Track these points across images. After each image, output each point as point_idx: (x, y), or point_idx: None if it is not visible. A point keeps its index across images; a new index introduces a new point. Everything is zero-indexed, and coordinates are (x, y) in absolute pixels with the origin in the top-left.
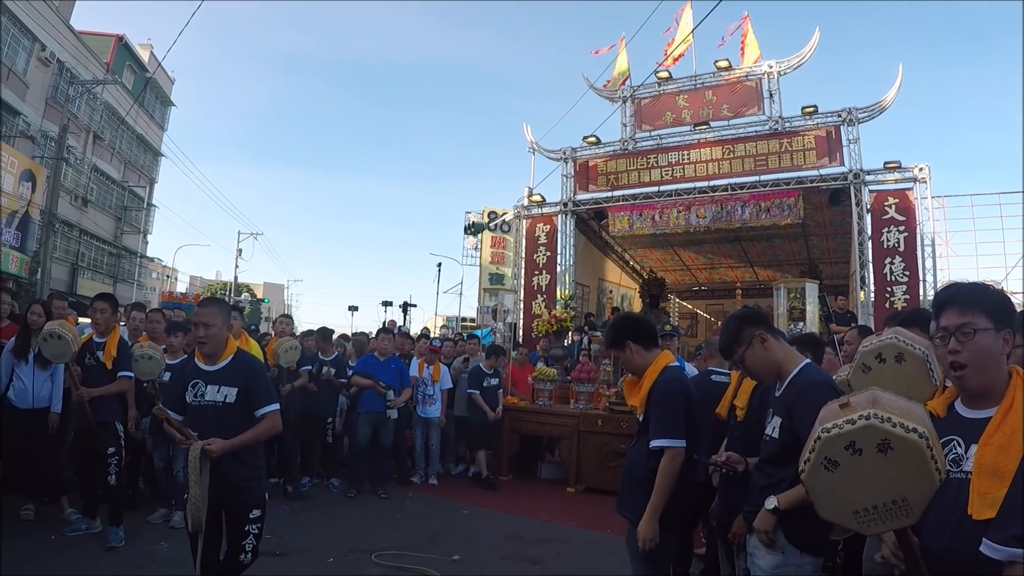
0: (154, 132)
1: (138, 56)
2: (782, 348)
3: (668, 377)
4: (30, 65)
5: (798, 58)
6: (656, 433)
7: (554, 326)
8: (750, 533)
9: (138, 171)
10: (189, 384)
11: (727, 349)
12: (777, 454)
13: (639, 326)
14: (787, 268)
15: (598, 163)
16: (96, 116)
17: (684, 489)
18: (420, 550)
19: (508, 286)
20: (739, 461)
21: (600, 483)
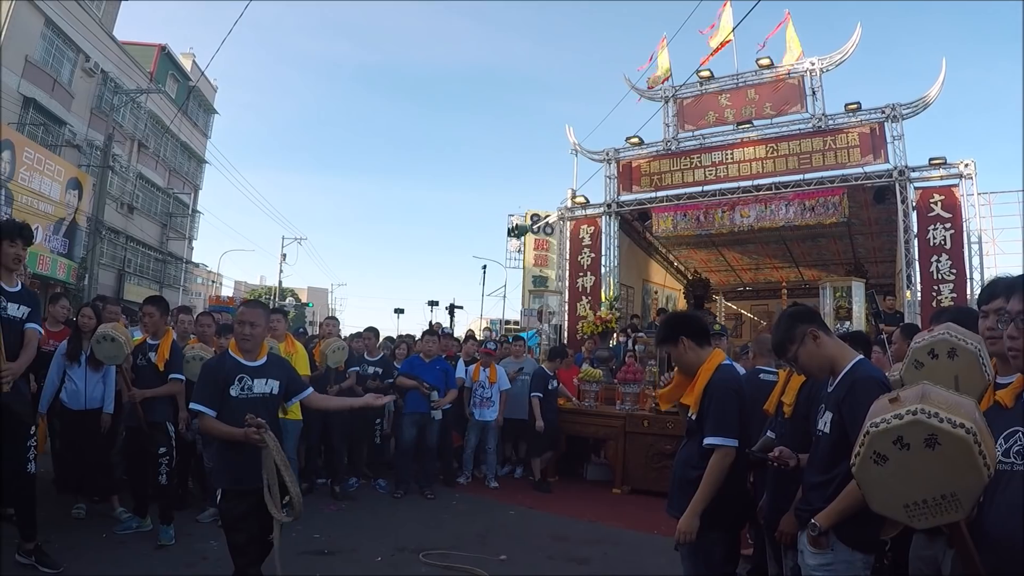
0: (198, 139)
1: (180, 65)
2: (834, 344)
3: (723, 375)
4: (75, 76)
5: (840, 55)
6: (710, 431)
7: (599, 327)
8: (801, 531)
9: (183, 178)
10: (235, 379)
11: (780, 347)
12: (829, 450)
13: (692, 322)
14: (832, 268)
15: (641, 164)
16: (140, 124)
17: (733, 488)
18: (467, 550)
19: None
20: (791, 457)
21: (646, 484)
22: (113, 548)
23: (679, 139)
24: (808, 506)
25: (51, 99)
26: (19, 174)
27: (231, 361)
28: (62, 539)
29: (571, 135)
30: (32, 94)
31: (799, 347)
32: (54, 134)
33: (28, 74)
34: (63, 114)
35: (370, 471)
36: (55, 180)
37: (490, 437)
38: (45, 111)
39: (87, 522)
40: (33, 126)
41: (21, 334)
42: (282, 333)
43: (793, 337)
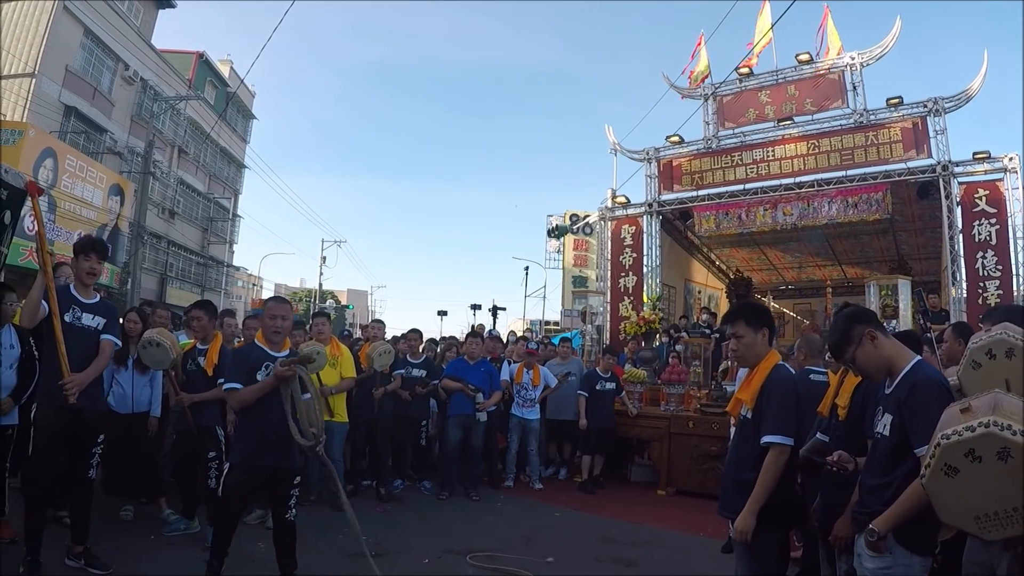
0: (237, 145)
1: (219, 72)
2: (892, 345)
3: (782, 374)
4: (115, 84)
5: (880, 48)
6: (768, 429)
7: (642, 328)
8: (858, 534)
9: (223, 183)
10: (262, 366)
11: (837, 348)
12: (887, 453)
13: (770, 316)
14: (876, 265)
15: (682, 162)
16: (180, 131)
17: (787, 489)
18: (514, 552)
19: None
20: (849, 460)
21: (691, 485)
22: (161, 549)
23: (719, 137)
24: (866, 509)
25: (92, 107)
26: (62, 181)
27: (258, 350)
28: (110, 541)
29: (611, 134)
30: (73, 103)
31: (857, 348)
32: (95, 142)
33: (69, 83)
34: (104, 122)
35: (415, 473)
36: (97, 187)
37: (532, 438)
38: (86, 119)
39: (135, 524)
40: (75, 134)
41: (98, 344)
42: (327, 336)
43: (851, 338)
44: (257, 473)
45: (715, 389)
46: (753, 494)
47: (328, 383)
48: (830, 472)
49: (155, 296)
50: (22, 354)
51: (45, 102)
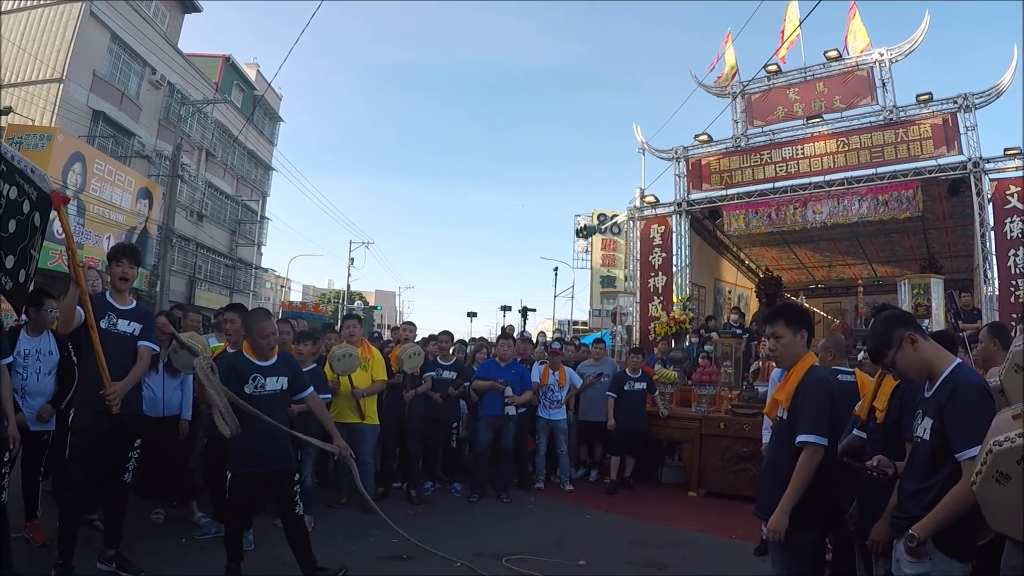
0: (264, 147)
1: (245, 75)
2: (932, 348)
3: (817, 374)
4: (142, 88)
5: (909, 44)
6: (802, 428)
7: (672, 328)
8: (896, 539)
9: (250, 185)
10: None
11: (876, 352)
12: (928, 457)
13: (810, 319)
14: (906, 264)
15: (711, 161)
16: (208, 134)
17: (823, 490)
18: (545, 554)
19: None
20: (888, 465)
21: (722, 487)
22: (192, 553)
23: (748, 135)
24: (905, 514)
25: (119, 112)
26: (90, 185)
27: (245, 361)
28: (141, 544)
29: (639, 134)
30: (101, 107)
31: (897, 352)
32: (123, 145)
33: (96, 88)
34: (132, 126)
35: (445, 475)
36: (126, 190)
37: (562, 439)
38: (114, 123)
39: (166, 527)
40: (103, 138)
41: (135, 350)
42: (358, 339)
43: (890, 342)
44: (255, 478)
45: (746, 390)
46: (786, 493)
47: (359, 385)
48: (867, 475)
49: (183, 298)
50: (61, 360)
51: (73, 107)
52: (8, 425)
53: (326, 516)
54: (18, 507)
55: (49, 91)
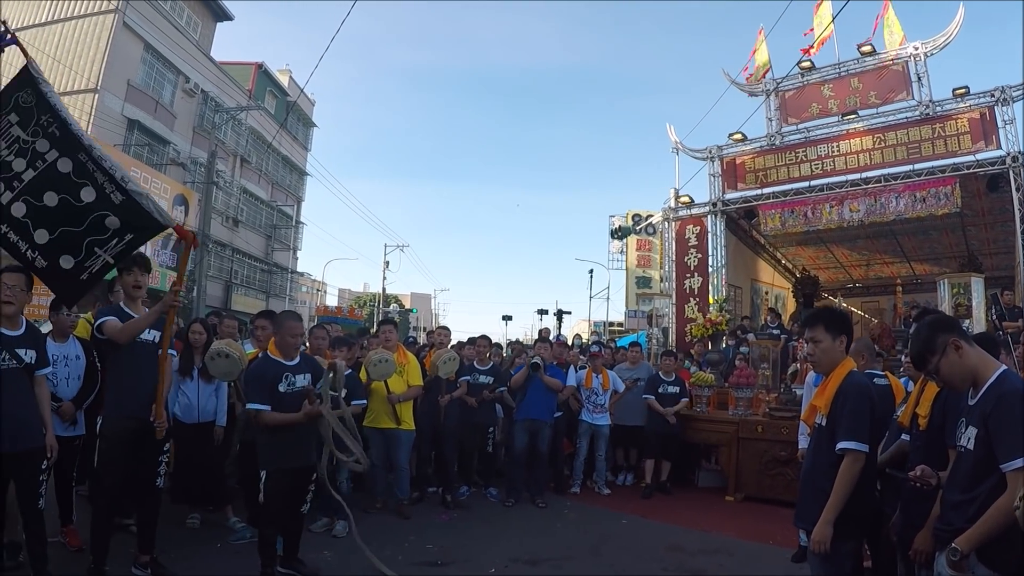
0: (298, 153)
1: (278, 81)
2: (976, 354)
3: (857, 380)
4: (176, 97)
5: (944, 37)
6: (842, 435)
7: (709, 330)
8: (939, 551)
9: (285, 190)
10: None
11: (920, 358)
12: (971, 468)
13: (850, 324)
14: (945, 262)
15: (745, 160)
16: (242, 141)
17: (863, 497)
18: (580, 560)
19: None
20: (932, 476)
21: (760, 492)
22: (227, 558)
23: (783, 133)
24: (948, 526)
25: (154, 120)
26: None
27: (273, 364)
28: (177, 549)
29: (672, 133)
30: (136, 116)
31: (940, 358)
32: (159, 153)
33: (131, 97)
34: (166, 134)
35: (481, 479)
36: (162, 197)
37: (601, 444)
38: (149, 132)
39: (201, 532)
40: (138, 147)
41: (156, 357)
42: (394, 343)
43: (934, 348)
44: (288, 474)
45: (784, 392)
46: (829, 503)
47: (395, 390)
48: (910, 485)
49: (220, 303)
50: (87, 364)
51: (108, 116)
52: (47, 433)
53: (361, 521)
54: (53, 512)
55: (84, 101)
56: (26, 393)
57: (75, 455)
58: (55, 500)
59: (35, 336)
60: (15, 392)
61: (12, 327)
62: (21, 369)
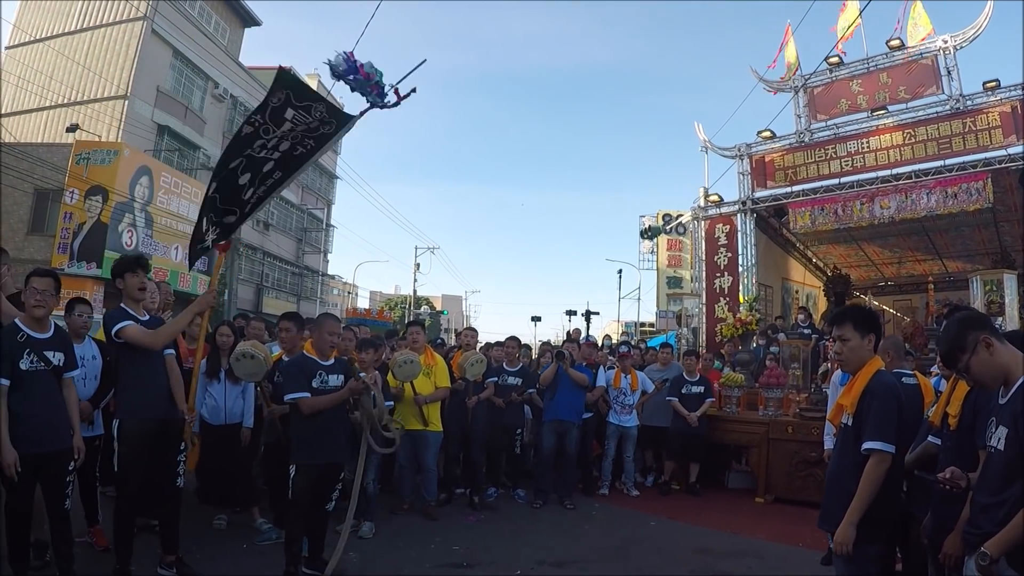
0: (328, 156)
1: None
2: (1008, 352)
3: (884, 379)
4: (205, 102)
5: (973, 30)
6: (869, 435)
7: (739, 330)
8: (968, 555)
9: (316, 194)
10: (316, 374)
11: (950, 356)
12: (1001, 469)
13: (878, 323)
14: (978, 258)
15: (774, 158)
16: None
17: (889, 499)
18: (607, 562)
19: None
20: (961, 477)
21: (790, 493)
22: (254, 558)
23: (812, 130)
24: (977, 529)
25: (184, 125)
26: (158, 198)
27: (310, 360)
28: (203, 549)
29: (700, 132)
30: (166, 122)
31: (971, 356)
32: (189, 158)
33: (161, 103)
34: (196, 139)
35: (509, 480)
36: (192, 201)
37: (629, 445)
38: (179, 137)
39: (228, 533)
40: (168, 152)
41: (162, 359)
42: (422, 345)
43: (964, 346)
44: (318, 469)
45: (815, 392)
46: (853, 504)
47: (422, 392)
48: (940, 487)
49: (252, 306)
50: (102, 364)
51: (139, 122)
52: (75, 435)
53: (388, 522)
54: (79, 513)
55: (115, 108)
56: (54, 395)
57: (95, 455)
58: (79, 501)
59: (63, 338)
60: (43, 394)
61: (41, 330)
62: (49, 371)
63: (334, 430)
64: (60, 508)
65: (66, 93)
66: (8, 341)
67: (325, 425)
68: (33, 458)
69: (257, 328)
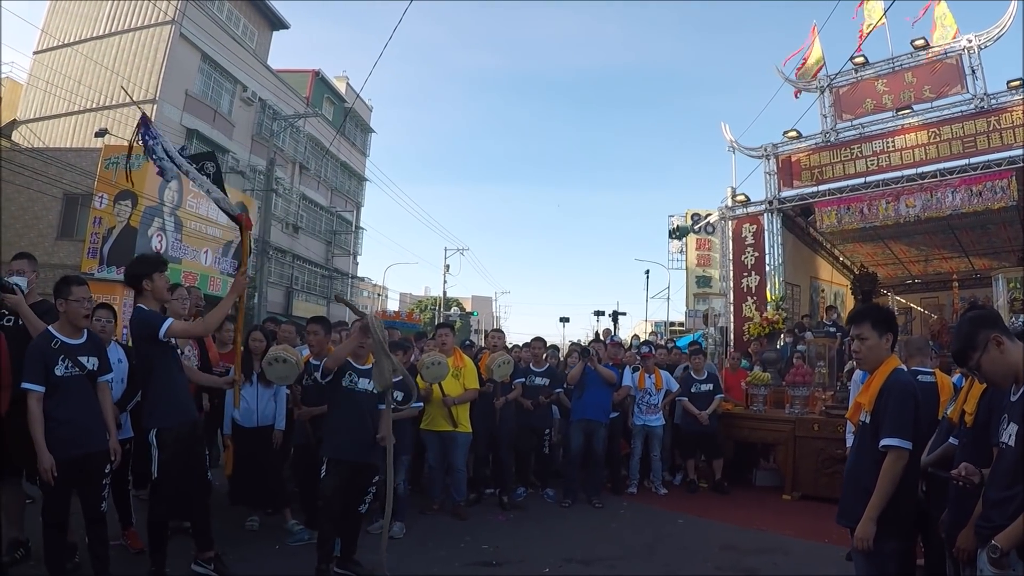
0: (357, 159)
1: (335, 88)
2: (1018, 350)
3: (902, 377)
4: (233, 106)
5: (998, 29)
6: (886, 432)
7: (766, 329)
8: (980, 548)
9: (344, 196)
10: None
11: (961, 355)
12: (1012, 465)
13: (895, 322)
14: (1004, 256)
15: (800, 157)
16: (300, 148)
17: (907, 495)
18: (635, 560)
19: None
20: (974, 473)
21: (817, 490)
22: (285, 559)
23: (837, 130)
24: (988, 523)
25: (213, 129)
26: (187, 201)
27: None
28: (236, 551)
29: (727, 132)
30: (194, 126)
31: (982, 355)
32: (218, 162)
33: (189, 107)
34: (225, 143)
35: (538, 480)
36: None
37: (656, 444)
38: (208, 141)
39: (260, 534)
40: None
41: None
42: (451, 347)
43: (975, 344)
44: (347, 466)
45: (840, 391)
46: (872, 500)
47: (451, 393)
48: (955, 484)
49: (281, 309)
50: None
51: (167, 127)
52: (111, 438)
53: (418, 522)
54: (113, 516)
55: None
56: (90, 399)
57: (127, 458)
58: (113, 504)
59: (96, 343)
60: (79, 399)
61: (75, 336)
62: (84, 376)
63: (362, 428)
64: (97, 510)
65: (95, 98)
66: (43, 348)
67: (352, 423)
68: (70, 462)
69: (288, 331)
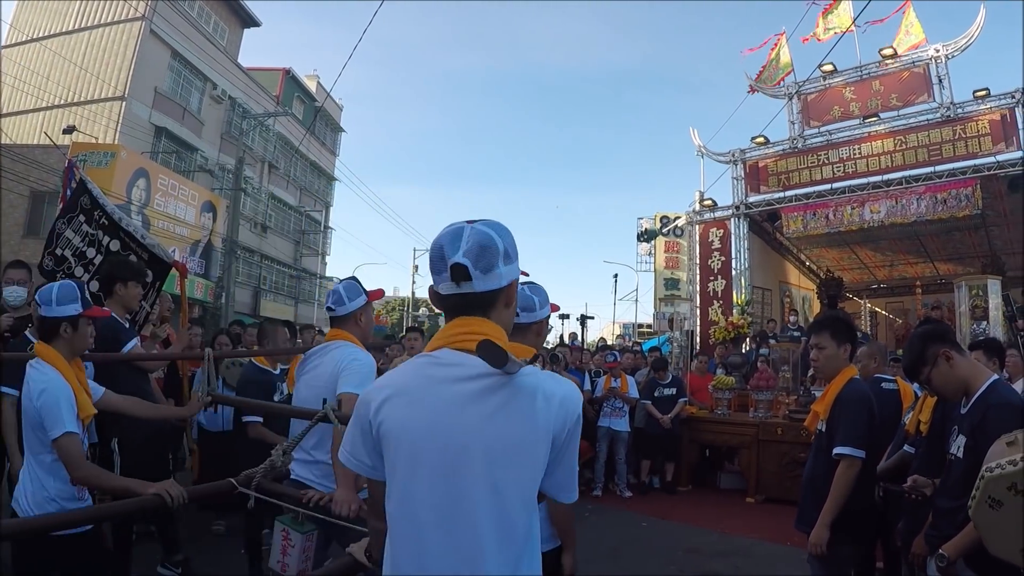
0: (327, 158)
1: (306, 87)
2: (968, 364)
3: (857, 387)
4: (203, 104)
5: (965, 39)
6: (839, 440)
7: (731, 333)
8: (930, 557)
9: (313, 196)
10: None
11: (912, 369)
12: (960, 476)
13: (855, 332)
14: (968, 261)
15: (768, 163)
16: (270, 147)
17: (862, 502)
18: (600, 563)
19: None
20: (926, 484)
21: (780, 493)
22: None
23: (805, 136)
24: (938, 532)
25: (182, 127)
26: (155, 200)
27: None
28: (203, 555)
29: (696, 137)
30: (163, 123)
31: (932, 369)
32: (187, 160)
33: (158, 104)
34: (194, 141)
35: None
36: (190, 204)
37: (620, 447)
38: (177, 139)
39: (227, 538)
40: (166, 154)
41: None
42: (419, 351)
43: (925, 359)
44: None
45: (804, 395)
46: (826, 506)
47: None
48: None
49: (249, 309)
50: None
51: (136, 124)
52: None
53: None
54: None
55: (112, 109)
56: None
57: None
58: None
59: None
60: None
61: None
62: None
63: None
64: None
65: (63, 94)
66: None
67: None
68: None
69: (253, 335)
